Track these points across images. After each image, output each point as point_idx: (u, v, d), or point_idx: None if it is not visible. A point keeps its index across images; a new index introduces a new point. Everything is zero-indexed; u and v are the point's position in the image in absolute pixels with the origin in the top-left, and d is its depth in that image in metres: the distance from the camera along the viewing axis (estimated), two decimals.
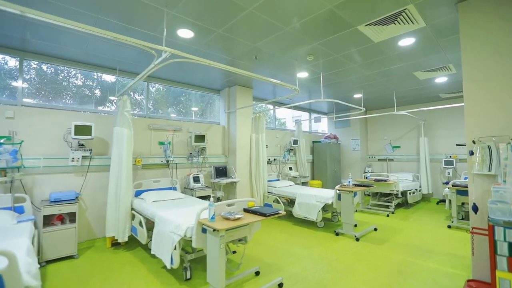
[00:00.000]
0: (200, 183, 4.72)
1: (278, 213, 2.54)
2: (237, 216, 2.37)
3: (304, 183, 6.58)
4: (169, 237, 2.63)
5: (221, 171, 5.17)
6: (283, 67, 4.26)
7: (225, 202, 2.61)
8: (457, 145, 6.63)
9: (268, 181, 5.84)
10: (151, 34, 3.08)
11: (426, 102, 6.98)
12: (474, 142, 2.35)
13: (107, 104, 4.33)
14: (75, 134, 3.45)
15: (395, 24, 2.91)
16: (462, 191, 4.56)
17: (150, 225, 3.26)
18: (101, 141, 3.95)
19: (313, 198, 4.50)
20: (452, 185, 4.63)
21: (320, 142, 7.56)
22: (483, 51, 2.39)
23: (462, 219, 4.91)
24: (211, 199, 2.36)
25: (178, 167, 4.78)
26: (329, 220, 5.00)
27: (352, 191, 4.05)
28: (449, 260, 3.17)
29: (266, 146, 6.21)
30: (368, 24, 2.92)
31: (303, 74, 4.65)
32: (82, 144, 3.69)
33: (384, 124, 7.99)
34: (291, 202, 5.22)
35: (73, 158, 3.56)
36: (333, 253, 3.41)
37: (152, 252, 2.92)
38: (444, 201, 6.58)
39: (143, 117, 4.60)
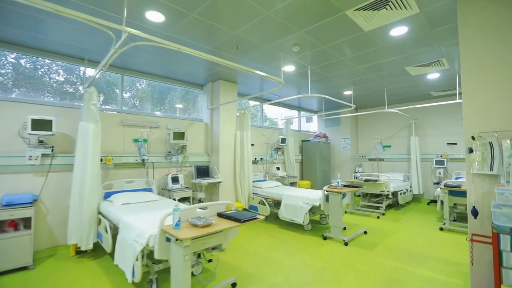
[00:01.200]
0: (179, 183, 4.38)
1: (256, 218, 2.25)
2: (207, 222, 2.06)
3: (292, 184, 6.31)
4: (131, 246, 2.30)
5: (203, 171, 4.84)
6: (268, 59, 3.96)
7: (196, 205, 2.29)
8: (448, 144, 6.48)
9: (254, 181, 5.53)
10: (116, 16, 2.73)
11: (417, 100, 6.81)
12: (473, 138, 2.10)
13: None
14: (32, 130, 3.07)
15: (386, 9, 2.65)
16: (455, 192, 4.37)
17: (117, 231, 2.91)
18: (66, 138, 3.57)
19: (300, 199, 4.22)
20: (445, 186, 4.43)
21: (309, 141, 7.31)
22: (482, 38, 2.15)
23: (454, 220, 4.73)
24: (176, 202, 2.04)
25: (155, 166, 4.42)
26: (317, 223, 4.73)
27: (340, 192, 3.79)
28: (444, 267, 2.94)
29: (252, 144, 5.92)
30: (358, 9, 2.65)
31: (289, 68, 4.36)
32: (42, 141, 3.30)
33: (374, 123, 7.81)
34: (278, 203, 4.93)
35: (30, 156, 3.17)
36: (319, 260, 3.13)
37: (115, 263, 2.58)
38: (435, 201, 6.41)
39: (116, 112, 4.22)
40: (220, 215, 2.37)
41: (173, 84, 5.04)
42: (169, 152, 4.60)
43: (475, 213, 2.02)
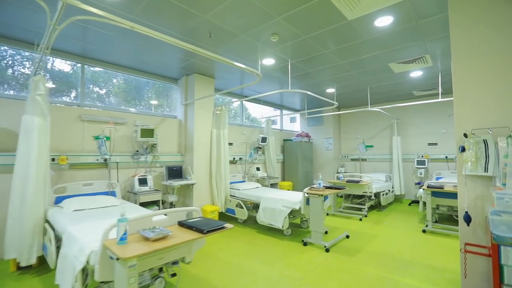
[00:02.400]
0: (147, 185, 3.97)
1: (222, 228, 1.92)
2: (161, 234, 1.71)
3: (273, 185, 6.03)
4: (71, 264, 1.90)
5: (176, 172, 4.45)
6: (245, 51, 3.65)
7: (151, 213, 1.94)
8: (429, 144, 6.46)
9: (232, 182, 5.20)
10: None
11: (399, 100, 6.75)
12: (465, 135, 1.89)
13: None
14: None
15: None
16: (437, 193, 4.25)
17: None
18: (8, 134, 3.08)
19: (279, 202, 3.94)
20: (428, 187, 4.30)
21: (291, 140, 7.07)
22: (474, 26, 1.94)
23: (436, 222, 4.62)
24: (122, 211, 1.67)
25: (120, 167, 3.98)
26: (298, 226, 4.47)
27: (322, 195, 3.54)
28: (429, 274, 2.74)
29: (231, 143, 5.58)
30: None
31: (269, 61, 4.07)
32: None
33: (357, 122, 7.70)
34: (257, 206, 4.62)
35: None
36: (298, 270, 2.85)
37: (56, 282, 2.16)
38: (416, 202, 6.37)
39: (75, 106, 3.75)
40: (181, 224, 2.03)
41: (145, 77, 4.62)
42: (137, 151, 4.17)
43: (468, 219, 1.80)
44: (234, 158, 5.62)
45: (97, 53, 3.78)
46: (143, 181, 3.97)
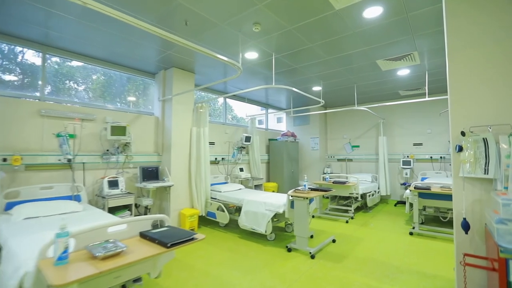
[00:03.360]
0: (118, 188, 3.61)
1: (191, 240, 1.64)
2: (113, 250, 1.42)
3: (257, 186, 5.78)
4: (5, 287, 1.57)
5: (151, 173, 4.11)
6: (225, 41, 3.38)
7: (106, 224, 1.63)
8: (414, 144, 6.42)
9: (214, 184, 4.92)
10: None
11: (385, 99, 6.68)
12: (463, 133, 1.70)
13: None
14: None
15: None
16: (424, 194, 4.14)
17: None
18: None
19: (262, 205, 3.69)
20: (414, 188, 4.19)
21: (276, 140, 6.84)
22: (472, 12, 1.76)
23: (422, 223, 4.53)
24: (62, 222, 1.36)
25: (87, 168, 3.61)
26: (283, 230, 4.25)
27: (307, 198, 3.32)
28: (420, 282, 2.58)
29: (212, 143, 5.29)
30: None
31: (251, 55, 3.81)
32: None
33: (343, 122, 7.59)
34: (239, 209, 4.36)
35: None
36: (281, 280, 2.61)
37: None
38: (401, 202, 6.31)
39: (33, 100, 3.34)
40: (143, 235, 1.73)
41: (120, 70, 4.24)
42: (107, 150, 3.81)
43: (466, 227, 1.62)
44: (216, 158, 5.32)
45: (61, 41, 3.39)
46: (113, 184, 3.61)
